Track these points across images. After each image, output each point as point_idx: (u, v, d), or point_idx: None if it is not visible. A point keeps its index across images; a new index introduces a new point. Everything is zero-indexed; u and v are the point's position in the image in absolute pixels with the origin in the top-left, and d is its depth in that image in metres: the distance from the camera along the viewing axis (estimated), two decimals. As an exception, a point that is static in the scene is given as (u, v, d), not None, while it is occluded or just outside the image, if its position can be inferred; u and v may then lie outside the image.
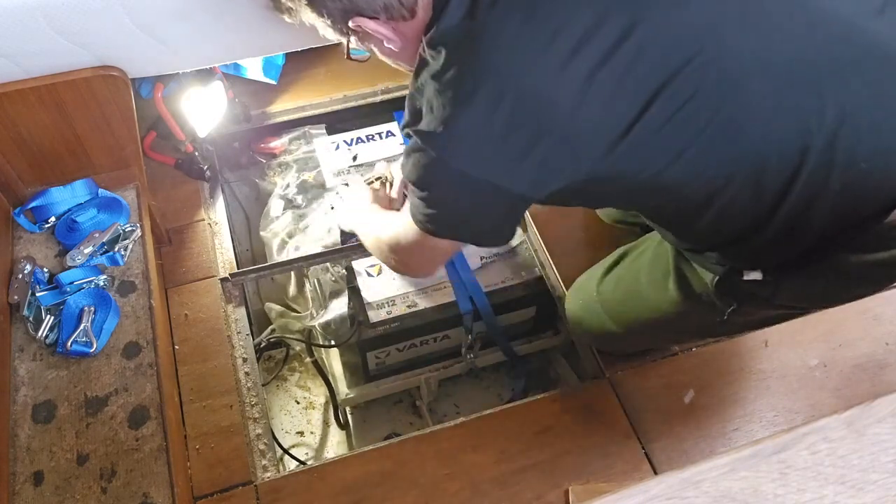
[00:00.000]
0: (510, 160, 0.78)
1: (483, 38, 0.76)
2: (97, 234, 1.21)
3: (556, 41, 0.74)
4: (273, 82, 1.66)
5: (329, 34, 0.92)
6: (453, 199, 0.85)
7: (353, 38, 0.91)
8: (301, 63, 1.71)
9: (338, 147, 1.66)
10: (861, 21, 0.80)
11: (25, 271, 1.17)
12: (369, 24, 0.85)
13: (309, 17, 0.89)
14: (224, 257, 1.44)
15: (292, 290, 1.64)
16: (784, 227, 0.84)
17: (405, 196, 1.25)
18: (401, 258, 1.05)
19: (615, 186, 0.84)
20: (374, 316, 1.39)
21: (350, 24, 0.86)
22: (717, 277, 0.96)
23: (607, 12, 0.75)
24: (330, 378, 1.56)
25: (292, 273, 1.61)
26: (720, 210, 0.84)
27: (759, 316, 1.04)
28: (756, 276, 0.92)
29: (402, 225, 0.98)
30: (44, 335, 1.12)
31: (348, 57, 0.94)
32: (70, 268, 1.19)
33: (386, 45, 0.89)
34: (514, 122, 0.76)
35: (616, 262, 1.20)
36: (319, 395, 1.73)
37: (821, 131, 0.78)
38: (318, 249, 1.50)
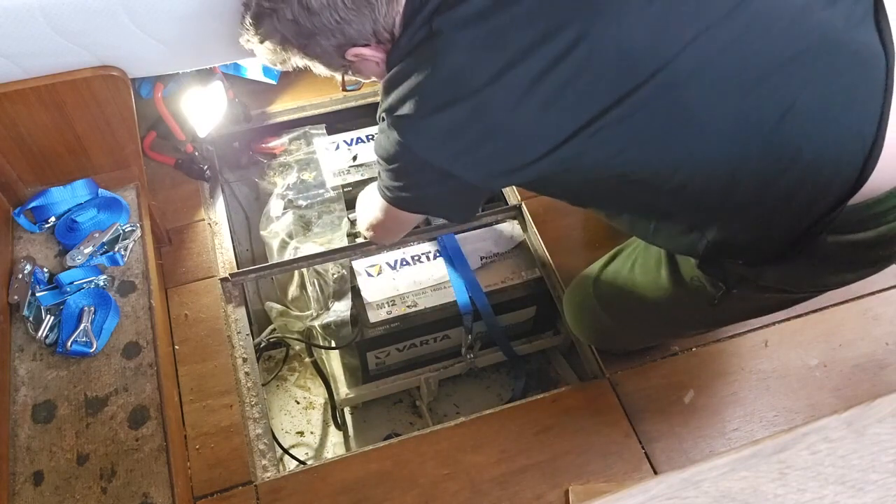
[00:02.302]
0: (463, 155, 0.84)
1: (439, 44, 0.82)
2: (97, 234, 1.21)
3: (501, 50, 0.80)
4: (273, 82, 1.66)
5: (323, 71, 0.97)
6: (416, 178, 0.91)
7: (348, 71, 0.96)
8: (301, 63, 1.71)
9: (338, 147, 1.66)
10: (812, 12, 0.81)
11: (25, 271, 1.17)
12: (364, 52, 0.90)
13: (301, 61, 0.95)
14: (224, 257, 1.44)
15: (293, 290, 1.64)
16: (743, 221, 0.87)
17: None
18: (372, 228, 1.17)
19: (567, 179, 0.88)
20: (374, 316, 1.39)
21: (347, 56, 0.92)
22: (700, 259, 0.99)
23: (556, 25, 0.79)
24: (329, 378, 1.56)
25: (294, 273, 1.61)
26: (672, 199, 0.88)
27: (752, 302, 1.04)
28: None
29: (376, 198, 1.06)
30: (44, 335, 1.12)
31: (344, 89, 1.01)
32: (70, 268, 1.19)
33: (379, 66, 0.93)
34: (464, 121, 0.82)
35: (612, 259, 1.22)
36: (319, 395, 1.73)
37: (760, 127, 0.80)
38: (319, 249, 1.50)
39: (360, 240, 1.51)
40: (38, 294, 1.15)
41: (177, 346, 1.30)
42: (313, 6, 0.86)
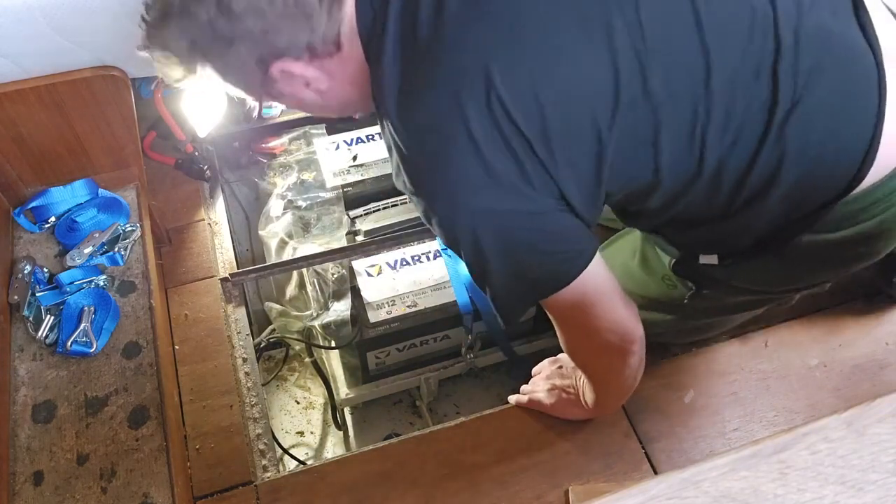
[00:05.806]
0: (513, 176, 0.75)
1: (451, 38, 0.74)
2: (97, 234, 1.21)
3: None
4: (273, 82, 1.66)
5: (233, 90, 0.83)
6: (510, 234, 0.78)
7: (268, 91, 0.82)
8: (301, 63, 1.71)
9: (338, 147, 1.66)
10: (803, 4, 0.80)
11: (25, 271, 1.17)
12: (295, 67, 0.78)
13: (210, 73, 0.80)
14: (224, 257, 1.44)
15: (292, 290, 1.64)
16: (739, 215, 0.85)
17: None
18: (597, 354, 0.96)
19: None
20: (374, 316, 1.39)
21: (272, 70, 0.78)
22: (673, 260, 0.97)
23: (566, 7, 0.75)
24: (329, 378, 1.56)
25: (293, 273, 1.61)
26: (672, 207, 0.85)
27: (724, 301, 1.04)
28: (712, 259, 0.93)
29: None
30: (44, 335, 1.12)
31: (259, 115, 0.91)
32: (70, 268, 1.19)
33: (312, 86, 0.81)
34: (501, 146, 0.74)
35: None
36: (319, 395, 1.73)
37: (773, 117, 0.78)
38: (318, 249, 1.50)
39: (359, 238, 1.51)
40: (38, 294, 1.15)
41: (177, 346, 1.30)
42: (235, 8, 0.72)
